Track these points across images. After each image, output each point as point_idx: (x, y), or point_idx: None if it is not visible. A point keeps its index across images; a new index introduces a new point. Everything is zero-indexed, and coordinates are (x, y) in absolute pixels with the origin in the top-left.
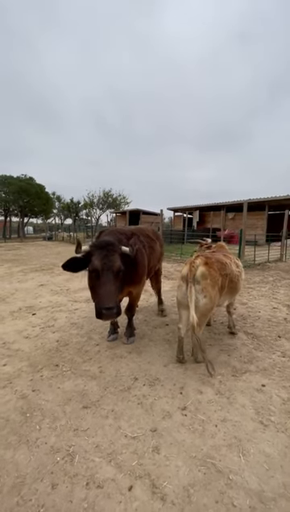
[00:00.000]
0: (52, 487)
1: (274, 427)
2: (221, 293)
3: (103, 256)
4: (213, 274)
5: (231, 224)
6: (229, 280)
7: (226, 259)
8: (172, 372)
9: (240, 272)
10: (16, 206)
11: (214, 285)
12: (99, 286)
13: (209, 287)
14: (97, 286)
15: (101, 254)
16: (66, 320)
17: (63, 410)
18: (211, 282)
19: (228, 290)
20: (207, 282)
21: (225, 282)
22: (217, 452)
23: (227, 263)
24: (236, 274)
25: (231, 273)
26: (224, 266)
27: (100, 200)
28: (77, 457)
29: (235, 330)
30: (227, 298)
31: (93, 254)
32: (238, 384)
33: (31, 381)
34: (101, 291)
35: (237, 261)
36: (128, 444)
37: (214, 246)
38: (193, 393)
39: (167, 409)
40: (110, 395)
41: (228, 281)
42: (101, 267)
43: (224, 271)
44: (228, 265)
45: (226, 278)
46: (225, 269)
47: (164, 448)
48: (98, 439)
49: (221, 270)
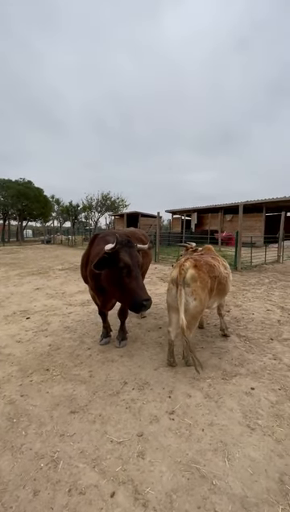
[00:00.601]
0: (34, 494)
1: (261, 431)
2: (210, 295)
3: (130, 252)
4: (202, 276)
5: (229, 226)
6: (217, 282)
7: (215, 261)
8: (162, 375)
9: (228, 274)
10: (15, 210)
11: (204, 287)
12: (132, 280)
13: (198, 290)
14: (130, 281)
15: (127, 251)
16: (59, 324)
17: (50, 415)
18: (201, 285)
19: (217, 292)
20: (197, 285)
21: (214, 284)
22: (202, 457)
23: (216, 265)
24: (224, 276)
25: (220, 275)
26: (213, 268)
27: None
28: (61, 463)
29: (228, 332)
30: (216, 300)
31: (121, 251)
32: (228, 387)
33: (20, 386)
34: (136, 285)
35: (224, 263)
36: (113, 450)
37: (201, 249)
38: (182, 397)
39: (155, 413)
40: (99, 400)
41: (217, 283)
42: (132, 262)
43: (213, 273)
44: (216, 267)
45: (215, 280)
46: (214, 271)
47: (149, 453)
48: (84, 444)
49: (210, 273)
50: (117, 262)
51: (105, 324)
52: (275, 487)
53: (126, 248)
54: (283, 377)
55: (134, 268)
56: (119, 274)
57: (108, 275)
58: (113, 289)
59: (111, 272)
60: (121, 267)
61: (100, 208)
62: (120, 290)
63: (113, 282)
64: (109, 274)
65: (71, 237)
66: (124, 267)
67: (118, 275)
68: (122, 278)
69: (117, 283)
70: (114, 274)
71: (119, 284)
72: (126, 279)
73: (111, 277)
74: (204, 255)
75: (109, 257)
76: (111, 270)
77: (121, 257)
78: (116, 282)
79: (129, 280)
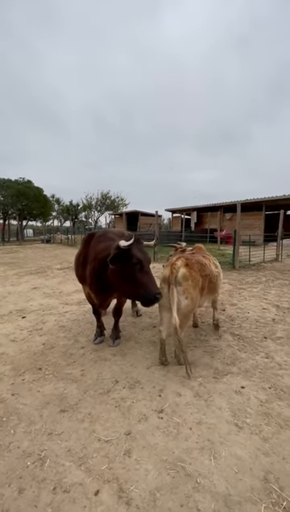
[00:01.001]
0: (19, 492)
1: (248, 430)
2: (201, 294)
3: (140, 248)
4: (193, 275)
5: (229, 224)
6: (209, 281)
7: (206, 260)
8: (154, 374)
9: (219, 272)
10: (14, 209)
11: (195, 286)
12: (145, 275)
13: (190, 289)
14: (142, 276)
15: (138, 247)
16: (55, 323)
17: (40, 414)
18: (192, 284)
19: (208, 290)
20: (188, 284)
21: (206, 282)
22: (188, 456)
23: (207, 264)
24: (215, 274)
25: (211, 273)
26: (204, 267)
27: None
28: (48, 462)
29: (218, 322)
30: (207, 298)
31: (133, 248)
32: (218, 386)
33: (12, 385)
34: (148, 280)
35: (215, 261)
36: (100, 448)
37: (192, 248)
38: (172, 395)
39: (144, 412)
40: (89, 398)
41: (208, 281)
42: (144, 258)
43: (204, 272)
44: (207, 266)
45: (206, 278)
46: (205, 270)
47: (136, 452)
48: (71, 443)
49: (201, 271)
50: (130, 258)
51: (99, 323)
52: (259, 485)
53: (137, 244)
54: (274, 376)
55: (145, 264)
56: (132, 270)
57: (119, 272)
58: (125, 285)
59: (123, 268)
60: (134, 263)
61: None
62: (132, 285)
63: (125, 278)
64: (120, 271)
65: (70, 237)
66: (137, 263)
67: (130, 271)
68: (135, 274)
69: (129, 279)
70: (127, 270)
71: (132, 280)
72: (138, 275)
73: (123, 273)
74: (195, 254)
75: (122, 253)
76: (123, 267)
77: (133, 253)
78: (128, 277)
79: (141, 275)
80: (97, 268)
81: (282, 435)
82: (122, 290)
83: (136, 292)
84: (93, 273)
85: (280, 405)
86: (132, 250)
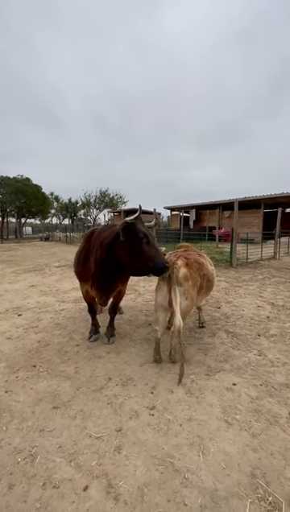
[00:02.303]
0: (9, 488)
1: (238, 426)
2: (199, 293)
3: (143, 225)
4: (193, 275)
5: (227, 222)
6: (206, 280)
7: (202, 259)
8: (147, 371)
9: (214, 270)
10: (13, 207)
11: (194, 286)
12: (151, 248)
13: (190, 289)
14: (149, 250)
15: (141, 224)
16: (50, 321)
17: (32, 410)
18: (192, 284)
19: (205, 290)
20: (188, 284)
21: (203, 282)
22: (177, 452)
23: (204, 263)
24: (211, 273)
25: (208, 272)
26: (202, 266)
27: (97, 199)
28: (38, 458)
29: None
30: (203, 297)
31: (137, 224)
32: (210, 383)
33: (6, 383)
34: (155, 252)
35: (209, 259)
36: (91, 444)
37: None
38: (164, 392)
39: (136, 409)
40: (82, 395)
41: (205, 281)
42: (149, 233)
43: (202, 271)
44: (205, 265)
45: (204, 278)
46: (203, 269)
47: (126, 448)
48: (62, 439)
49: (200, 271)
50: (136, 233)
51: (94, 321)
52: (246, 481)
53: (139, 221)
54: (265, 373)
55: (150, 237)
56: (140, 244)
57: (127, 248)
58: (134, 260)
59: (131, 244)
60: (141, 237)
61: (98, 204)
62: (141, 259)
63: (134, 253)
64: (128, 247)
65: (69, 234)
66: (143, 237)
67: (138, 246)
68: (143, 248)
69: (138, 253)
70: (134, 244)
71: (140, 253)
72: (146, 248)
73: (131, 248)
74: (190, 253)
75: (129, 229)
76: (130, 242)
77: (138, 228)
78: (137, 252)
79: (149, 249)
80: (103, 255)
81: (271, 432)
82: (133, 266)
83: (146, 265)
84: (98, 261)
85: (270, 401)
86: (137, 226)
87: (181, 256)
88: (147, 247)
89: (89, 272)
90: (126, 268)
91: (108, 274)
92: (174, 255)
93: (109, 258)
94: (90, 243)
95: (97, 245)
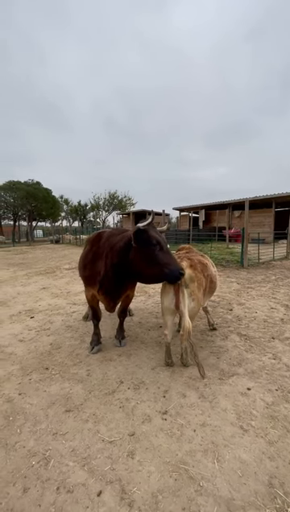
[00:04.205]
0: (24, 491)
1: (253, 432)
2: (204, 294)
3: (156, 231)
4: (198, 276)
5: (238, 222)
6: (210, 281)
7: (205, 260)
8: (159, 375)
9: (216, 272)
10: (24, 210)
11: (200, 287)
12: (165, 255)
13: (196, 290)
14: (164, 256)
15: (154, 230)
16: (62, 323)
17: (45, 413)
18: (198, 285)
19: (209, 291)
20: (194, 286)
21: (207, 283)
22: (191, 458)
23: (207, 264)
24: (215, 274)
25: (211, 273)
26: (205, 267)
27: (106, 201)
28: (52, 461)
29: (215, 325)
30: (207, 299)
31: (149, 231)
32: (224, 388)
33: (19, 385)
34: (170, 258)
35: (212, 261)
36: (104, 449)
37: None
38: (177, 396)
39: (148, 413)
40: (94, 399)
41: (209, 282)
42: (162, 239)
43: (206, 272)
44: (208, 266)
45: (208, 279)
46: (207, 270)
47: (139, 453)
48: (75, 443)
49: (204, 272)
50: (149, 240)
51: (96, 329)
52: (264, 490)
53: (153, 229)
54: (281, 378)
55: (164, 244)
56: (153, 251)
57: (141, 255)
58: (149, 268)
59: (143, 251)
60: (154, 244)
61: (107, 207)
62: (156, 266)
63: (148, 261)
64: (141, 254)
65: (79, 237)
66: (156, 244)
67: (152, 253)
68: (156, 255)
69: (152, 260)
70: (148, 252)
71: (154, 260)
72: (160, 255)
73: (145, 256)
74: (193, 254)
75: (141, 236)
76: (145, 249)
77: (151, 234)
78: (150, 259)
79: (163, 255)
80: (114, 260)
81: (288, 439)
82: (146, 274)
83: (161, 272)
84: (109, 266)
85: (287, 407)
86: (149, 232)
87: (185, 257)
88: (161, 254)
89: (97, 276)
90: (139, 275)
91: (118, 280)
92: (177, 257)
93: (120, 264)
94: (99, 246)
95: (107, 250)
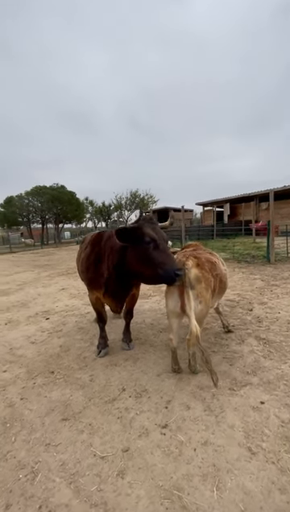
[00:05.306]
0: (6, 507)
1: (263, 456)
2: (212, 295)
3: (153, 227)
4: (206, 276)
5: (266, 215)
6: (219, 280)
7: (214, 258)
8: (164, 383)
9: (226, 271)
10: (51, 214)
11: (208, 288)
12: (161, 253)
13: (203, 292)
14: (158, 255)
15: (151, 226)
16: (75, 325)
17: (42, 421)
18: (205, 286)
19: (218, 291)
20: (201, 286)
21: (217, 283)
22: (187, 483)
23: (216, 262)
24: (224, 273)
25: (221, 272)
26: (214, 265)
27: (127, 201)
28: (40, 476)
29: (231, 327)
30: (216, 300)
31: (144, 227)
32: (233, 400)
33: (23, 389)
34: (166, 257)
35: (221, 259)
36: (94, 465)
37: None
38: (180, 408)
39: (147, 426)
40: (93, 407)
41: (218, 281)
42: (158, 236)
43: (215, 271)
44: (217, 264)
45: (217, 278)
46: (216, 269)
47: (131, 473)
48: (66, 456)
49: (213, 271)
50: (142, 238)
51: (103, 332)
52: None
53: (149, 224)
54: None
55: (160, 242)
56: (147, 250)
57: (135, 254)
58: (143, 267)
59: (138, 250)
60: (147, 242)
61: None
62: (150, 266)
63: (142, 260)
64: (136, 253)
65: None
66: (150, 241)
67: (145, 251)
68: (150, 254)
69: (146, 260)
70: (142, 250)
71: (148, 260)
72: (154, 254)
73: (139, 254)
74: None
75: (133, 233)
76: (138, 248)
77: (145, 231)
78: (144, 258)
79: (157, 254)
80: (115, 261)
81: None
82: (142, 274)
83: (155, 273)
84: (111, 267)
85: None
86: (143, 229)
87: (191, 255)
88: (155, 252)
89: (100, 279)
90: (137, 276)
91: (123, 281)
92: (183, 255)
93: (122, 264)
94: (100, 247)
95: (108, 251)
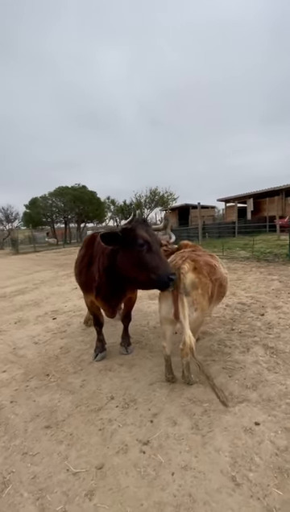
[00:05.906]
0: None
1: (248, 490)
2: (210, 301)
3: (147, 229)
4: (203, 281)
5: None
6: (218, 285)
7: (214, 261)
8: (155, 393)
9: (227, 274)
10: (73, 213)
11: (205, 294)
12: (155, 256)
13: (199, 298)
14: (151, 258)
15: (144, 228)
16: (78, 325)
17: (25, 427)
18: (202, 292)
19: (217, 296)
20: (197, 293)
21: (215, 288)
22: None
23: (216, 266)
24: (225, 277)
25: (221, 277)
26: (213, 269)
27: (147, 199)
28: (9, 488)
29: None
30: (214, 306)
31: (137, 229)
32: (225, 418)
33: (15, 392)
34: (159, 261)
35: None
36: (64, 481)
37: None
38: (165, 423)
39: (127, 441)
40: (78, 415)
41: (217, 286)
42: (151, 239)
43: (214, 276)
44: (217, 267)
45: (216, 283)
46: (215, 273)
47: (99, 494)
48: (40, 468)
49: (211, 275)
50: (135, 240)
51: (100, 336)
52: None
53: (143, 225)
54: None
55: (153, 244)
56: (139, 253)
57: (127, 257)
58: (135, 272)
59: (130, 253)
60: (140, 244)
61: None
62: (142, 270)
63: (134, 263)
64: (128, 256)
65: None
66: (143, 244)
67: (137, 254)
68: (143, 257)
69: (138, 263)
70: (134, 253)
71: (141, 264)
72: (147, 257)
73: (131, 258)
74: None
75: (125, 235)
76: (130, 251)
77: (138, 233)
78: (137, 262)
79: (151, 257)
80: (105, 264)
81: None
82: (135, 279)
83: (148, 278)
84: (101, 271)
85: None
86: (136, 231)
87: (188, 258)
88: (149, 256)
89: (92, 282)
90: (129, 280)
91: (114, 285)
92: (180, 257)
93: (113, 267)
94: (93, 249)
95: (99, 253)
